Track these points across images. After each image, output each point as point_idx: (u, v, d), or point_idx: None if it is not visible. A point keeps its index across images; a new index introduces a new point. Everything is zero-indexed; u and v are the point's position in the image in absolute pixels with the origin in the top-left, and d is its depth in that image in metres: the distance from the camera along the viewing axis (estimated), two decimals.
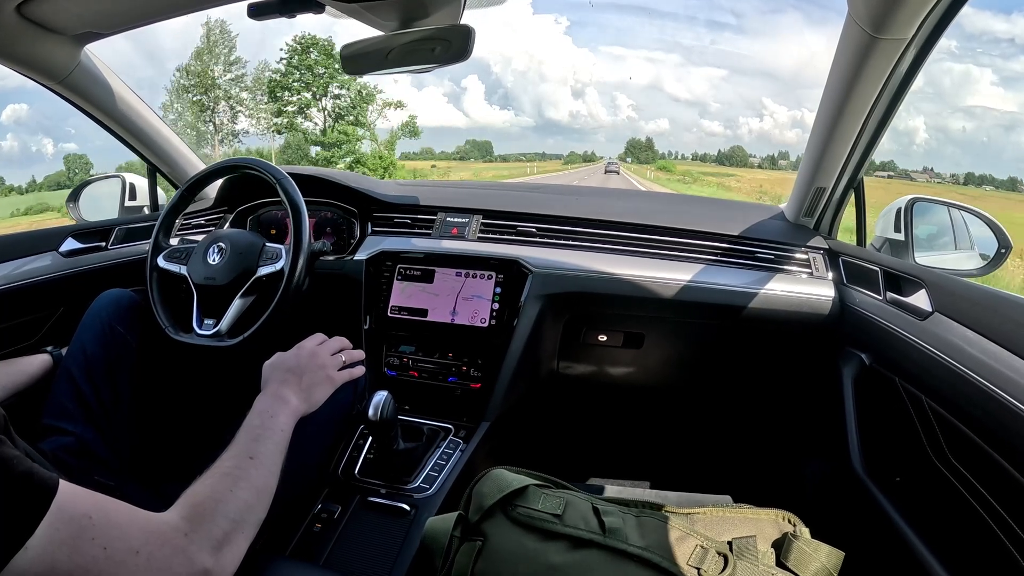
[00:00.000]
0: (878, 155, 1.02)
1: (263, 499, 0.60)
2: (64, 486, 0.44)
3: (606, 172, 45.05)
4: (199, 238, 1.13)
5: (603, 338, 1.30)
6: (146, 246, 1.13)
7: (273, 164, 1.08)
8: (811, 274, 1.18)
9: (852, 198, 1.16)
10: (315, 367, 0.81)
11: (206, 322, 1.04)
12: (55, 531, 0.42)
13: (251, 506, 0.57)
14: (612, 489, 1.34)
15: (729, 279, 1.18)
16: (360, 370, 0.88)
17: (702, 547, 0.64)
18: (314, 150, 24.53)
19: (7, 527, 0.40)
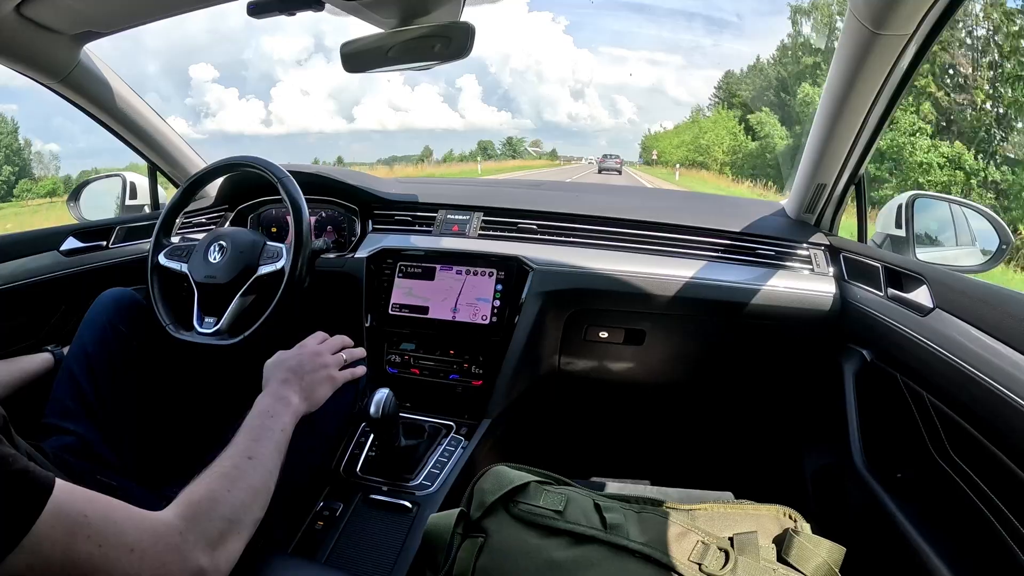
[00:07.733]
0: None
1: (260, 499, 0.60)
2: (60, 484, 0.45)
3: (601, 172, 30.24)
4: (200, 237, 1.13)
5: (604, 335, 1.30)
6: (147, 245, 1.13)
7: (274, 162, 1.09)
8: (812, 270, 1.18)
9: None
10: (317, 367, 0.81)
11: (207, 320, 1.04)
12: (51, 529, 0.42)
13: (248, 506, 0.57)
14: (613, 485, 1.35)
15: (730, 275, 1.18)
16: (361, 369, 0.88)
17: (703, 543, 0.64)
18: None
19: (3, 525, 0.41)
